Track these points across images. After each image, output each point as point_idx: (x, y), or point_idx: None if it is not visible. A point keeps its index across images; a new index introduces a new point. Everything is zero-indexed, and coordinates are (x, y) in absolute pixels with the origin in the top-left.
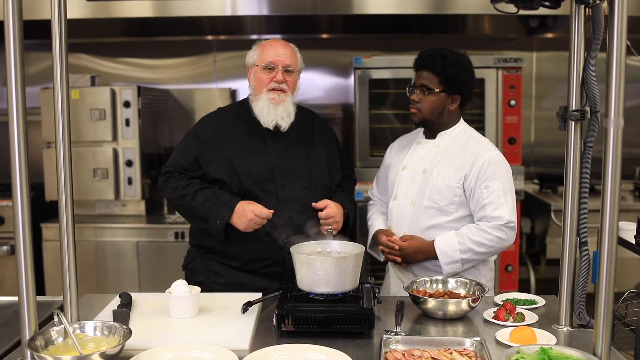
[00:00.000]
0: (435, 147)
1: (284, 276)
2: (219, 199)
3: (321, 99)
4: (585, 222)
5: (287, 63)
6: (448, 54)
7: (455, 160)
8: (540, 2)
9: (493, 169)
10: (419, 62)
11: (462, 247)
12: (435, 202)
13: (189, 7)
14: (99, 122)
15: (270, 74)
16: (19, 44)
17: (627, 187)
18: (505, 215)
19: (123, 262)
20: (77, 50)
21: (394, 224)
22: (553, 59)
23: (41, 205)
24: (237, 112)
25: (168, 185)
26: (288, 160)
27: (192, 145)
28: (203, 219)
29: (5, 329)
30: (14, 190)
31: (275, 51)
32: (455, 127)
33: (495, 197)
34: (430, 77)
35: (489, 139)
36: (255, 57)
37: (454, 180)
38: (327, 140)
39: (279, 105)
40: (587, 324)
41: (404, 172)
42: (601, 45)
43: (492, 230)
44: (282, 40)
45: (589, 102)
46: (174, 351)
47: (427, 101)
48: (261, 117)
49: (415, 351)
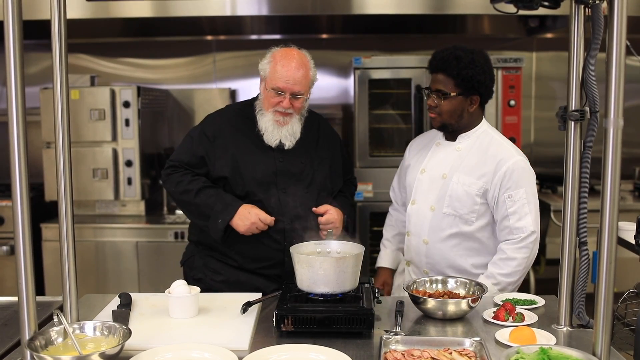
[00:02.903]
0: (455, 150)
1: (282, 278)
2: (223, 198)
3: (321, 99)
4: (584, 222)
5: (296, 90)
6: (462, 54)
7: (477, 166)
8: (540, 2)
9: (517, 177)
10: (433, 64)
11: (499, 287)
12: (456, 210)
13: (189, 7)
14: (99, 122)
15: (278, 97)
16: (18, 44)
17: (626, 187)
18: (529, 226)
19: (123, 262)
20: (76, 51)
21: (412, 229)
22: (553, 59)
23: (41, 206)
24: (244, 111)
25: (172, 178)
26: (292, 164)
27: (198, 142)
28: (204, 216)
29: (5, 329)
30: (13, 190)
31: (287, 76)
32: (476, 128)
33: (519, 206)
34: (446, 81)
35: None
36: (266, 72)
37: (474, 188)
38: (332, 145)
39: (284, 127)
40: (587, 324)
41: (423, 175)
42: (601, 45)
43: (516, 254)
44: (296, 59)
45: (589, 102)
46: (174, 351)
47: (445, 106)
48: (265, 134)
49: (415, 351)
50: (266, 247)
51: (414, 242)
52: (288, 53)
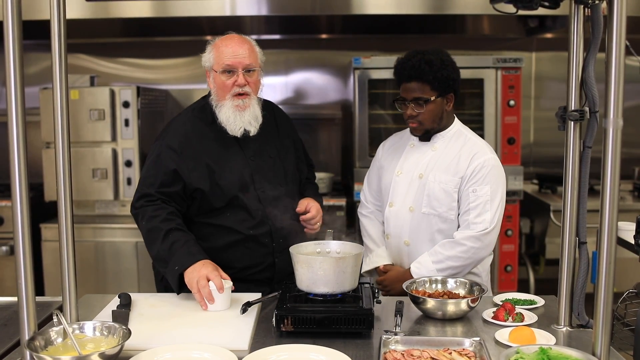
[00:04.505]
0: (430, 150)
1: (273, 280)
2: (189, 246)
3: (320, 99)
4: (584, 222)
5: (246, 63)
6: (432, 58)
7: (452, 164)
8: (540, 2)
9: (485, 174)
10: (404, 74)
11: (439, 266)
12: (434, 209)
13: (188, 8)
14: (98, 122)
15: (231, 77)
16: (18, 44)
17: (626, 187)
18: (487, 222)
19: (122, 262)
20: (76, 51)
21: (392, 231)
22: (552, 59)
23: (40, 206)
24: (202, 115)
25: (145, 211)
26: (263, 160)
27: (167, 157)
28: (164, 260)
29: (5, 329)
30: (13, 190)
31: (233, 51)
32: (450, 127)
33: (480, 202)
34: (422, 88)
35: (486, 141)
36: (211, 60)
37: (451, 186)
38: (290, 131)
39: (245, 111)
40: (587, 324)
41: (400, 177)
42: (600, 45)
43: (467, 241)
44: (237, 36)
45: (588, 102)
46: (174, 351)
47: (426, 112)
48: (227, 125)
49: (414, 351)
50: (254, 253)
51: (394, 244)
52: (227, 36)
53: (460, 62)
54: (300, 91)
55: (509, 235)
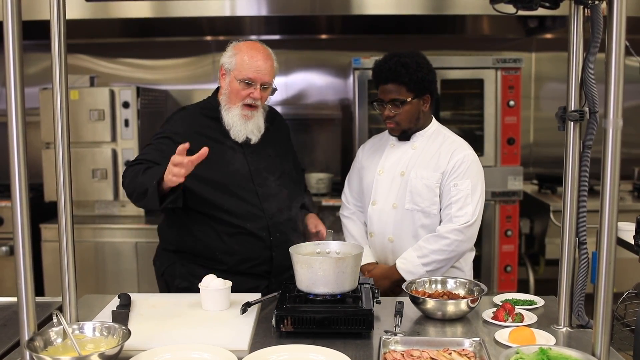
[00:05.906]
0: (410, 148)
1: (271, 274)
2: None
3: (320, 99)
4: (584, 222)
5: (266, 80)
6: (408, 60)
7: (432, 160)
8: (539, 2)
9: (465, 168)
10: (381, 76)
11: (423, 260)
12: (417, 204)
13: (188, 8)
14: (98, 122)
15: (247, 89)
16: (18, 45)
17: (626, 187)
18: (468, 215)
19: (122, 262)
20: (76, 51)
21: (375, 229)
22: (552, 59)
23: (40, 206)
24: (206, 111)
25: (134, 169)
26: (261, 157)
27: (166, 146)
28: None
29: (4, 330)
30: (13, 190)
31: (257, 66)
32: (428, 127)
33: (462, 196)
34: (398, 89)
35: (485, 142)
36: (233, 65)
37: (432, 181)
38: (287, 135)
39: (250, 121)
40: (586, 325)
41: (382, 176)
42: (600, 45)
43: (450, 234)
44: (262, 50)
45: (588, 103)
46: (173, 352)
47: (403, 113)
48: (231, 129)
49: (414, 352)
50: (252, 246)
51: (378, 241)
52: (253, 45)
53: (460, 63)
54: (300, 91)
55: (508, 236)
